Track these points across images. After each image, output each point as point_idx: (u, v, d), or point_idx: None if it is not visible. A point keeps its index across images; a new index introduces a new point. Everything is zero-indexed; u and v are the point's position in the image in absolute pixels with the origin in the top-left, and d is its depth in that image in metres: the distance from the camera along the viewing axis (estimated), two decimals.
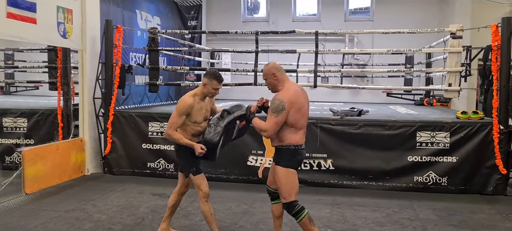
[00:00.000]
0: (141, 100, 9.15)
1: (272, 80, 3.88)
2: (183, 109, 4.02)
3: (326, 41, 12.24)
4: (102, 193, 6.15)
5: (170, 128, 4.06)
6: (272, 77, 3.86)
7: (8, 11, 5.52)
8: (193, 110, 4.05)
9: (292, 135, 3.81)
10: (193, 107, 4.04)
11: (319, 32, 7.51)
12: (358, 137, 6.54)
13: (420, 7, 12.38)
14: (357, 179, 6.53)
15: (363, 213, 5.38)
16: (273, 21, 13.51)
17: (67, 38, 6.78)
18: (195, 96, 4.09)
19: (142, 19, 9.70)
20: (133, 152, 7.24)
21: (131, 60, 9.00)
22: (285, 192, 3.85)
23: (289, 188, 3.84)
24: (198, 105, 4.08)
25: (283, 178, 3.84)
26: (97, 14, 7.46)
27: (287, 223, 4.94)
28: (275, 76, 3.85)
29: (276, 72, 3.86)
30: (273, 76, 3.86)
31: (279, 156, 3.88)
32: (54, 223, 4.87)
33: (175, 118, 4.04)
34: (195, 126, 4.10)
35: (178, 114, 4.03)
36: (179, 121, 4.04)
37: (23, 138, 7.35)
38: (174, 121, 4.04)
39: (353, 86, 9.08)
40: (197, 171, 4.14)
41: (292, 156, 3.85)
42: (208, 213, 4.16)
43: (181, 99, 4.11)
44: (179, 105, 4.06)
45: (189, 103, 4.03)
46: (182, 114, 4.03)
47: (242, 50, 8.64)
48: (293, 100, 3.75)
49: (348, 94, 12.57)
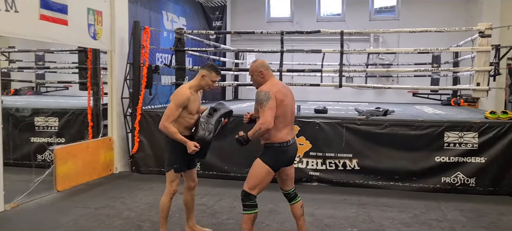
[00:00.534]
0: (167, 100, 9.25)
1: (258, 78, 3.94)
2: (181, 101, 4.04)
3: (351, 41, 12.18)
4: (130, 191, 6.27)
5: (167, 120, 4.04)
6: (259, 75, 3.93)
7: (41, 13, 5.68)
8: (189, 103, 4.08)
9: (277, 133, 3.83)
10: (190, 98, 4.08)
11: (344, 31, 7.48)
12: (384, 137, 6.50)
13: (445, 7, 12.20)
14: (383, 179, 6.49)
15: (389, 214, 5.35)
16: (297, 21, 13.51)
17: (97, 39, 6.95)
18: (191, 88, 4.13)
19: (168, 20, 9.85)
20: (160, 151, 7.33)
21: (157, 60, 9.15)
22: (252, 182, 3.88)
23: (257, 182, 3.88)
24: (193, 96, 4.13)
25: (258, 171, 3.88)
26: (126, 16, 7.62)
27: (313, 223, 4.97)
28: (262, 74, 3.93)
29: (263, 70, 3.93)
30: (260, 74, 3.93)
31: (264, 152, 3.92)
32: (85, 220, 5.00)
33: (173, 110, 4.04)
34: (189, 118, 4.13)
35: (176, 106, 4.04)
36: (176, 113, 4.05)
37: (54, 137, 7.56)
38: (171, 113, 4.04)
39: (378, 86, 9.02)
40: (179, 169, 4.21)
41: (278, 155, 3.89)
42: (165, 207, 4.25)
43: (177, 91, 4.13)
44: (176, 98, 4.06)
45: (187, 96, 4.06)
46: (179, 106, 4.05)
47: (267, 50, 8.67)
48: (275, 90, 3.82)
49: (373, 94, 12.48)
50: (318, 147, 6.67)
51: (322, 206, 5.60)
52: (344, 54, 7.56)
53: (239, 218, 5.07)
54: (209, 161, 7.05)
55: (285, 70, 7.79)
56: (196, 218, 5.08)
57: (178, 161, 4.17)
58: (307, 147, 6.69)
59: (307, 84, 8.02)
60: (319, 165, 6.67)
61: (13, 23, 5.28)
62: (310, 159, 6.69)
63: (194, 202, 4.56)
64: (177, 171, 4.19)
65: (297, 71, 9.34)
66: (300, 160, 6.70)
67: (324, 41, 11.74)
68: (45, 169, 6.41)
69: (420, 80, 11.17)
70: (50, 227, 4.71)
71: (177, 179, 4.22)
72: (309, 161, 6.69)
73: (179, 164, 4.18)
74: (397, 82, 12.38)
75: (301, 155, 6.69)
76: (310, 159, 6.69)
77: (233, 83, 11.35)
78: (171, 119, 4.05)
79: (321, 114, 7.07)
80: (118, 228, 4.72)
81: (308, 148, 6.69)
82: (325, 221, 5.03)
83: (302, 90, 12.42)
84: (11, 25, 5.25)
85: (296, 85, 8.17)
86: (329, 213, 5.32)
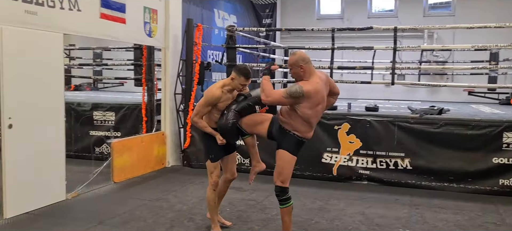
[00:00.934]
0: None
1: (298, 71, 3.82)
2: (211, 100, 4.12)
3: (403, 38, 11.88)
4: (182, 185, 6.45)
5: (196, 115, 4.18)
6: (299, 69, 3.81)
7: (101, 12, 5.94)
8: (220, 101, 4.14)
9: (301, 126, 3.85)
10: (221, 98, 4.13)
11: (398, 28, 7.32)
12: (438, 136, 6.31)
13: (504, 3, 11.62)
14: (436, 179, 6.31)
15: (443, 215, 5.20)
16: (348, 18, 13.34)
17: (152, 37, 7.18)
18: (224, 87, 4.16)
19: (219, 18, 10.02)
20: None
21: (209, 57, 9.33)
22: (285, 177, 3.92)
23: (288, 174, 3.93)
24: (225, 96, 4.16)
25: (286, 163, 3.91)
26: (179, 14, 7.82)
27: (363, 222, 4.93)
28: (302, 68, 3.80)
29: (303, 64, 3.79)
30: (300, 67, 3.80)
31: (286, 139, 3.90)
32: (140, 211, 5.19)
33: (202, 106, 4.15)
34: (218, 114, 4.21)
35: (205, 104, 4.14)
36: (205, 110, 4.15)
37: (111, 130, 7.88)
38: (200, 110, 4.16)
39: (432, 84, 8.75)
40: (215, 158, 4.30)
41: (299, 145, 3.93)
42: (211, 201, 4.37)
43: (209, 89, 4.19)
44: (207, 96, 4.14)
45: (217, 96, 4.11)
46: (209, 105, 4.13)
47: (317, 48, 8.62)
48: (312, 95, 3.73)
49: (426, 93, 12.13)
50: (368, 145, 6.58)
51: (373, 206, 5.53)
52: (396, 51, 7.40)
53: None
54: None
55: (336, 67, 7.71)
56: (246, 213, 5.18)
57: (213, 150, 4.28)
58: (357, 145, 6.61)
59: (358, 82, 7.90)
60: (370, 164, 6.58)
61: (76, 21, 5.55)
62: (360, 157, 6.61)
63: (224, 194, 4.68)
64: (213, 161, 4.30)
65: (348, 69, 9.21)
66: (350, 158, 6.63)
67: (375, 38, 11.55)
68: (103, 161, 6.70)
69: (476, 78, 10.72)
70: (108, 217, 4.93)
71: (216, 170, 4.32)
72: (359, 159, 6.62)
73: (214, 153, 4.29)
74: (452, 80, 11.97)
75: (351, 153, 6.63)
76: (360, 157, 6.61)
77: (282, 81, 11.36)
78: (200, 115, 4.18)
79: (372, 112, 6.96)
80: (171, 220, 4.88)
81: (358, 146, 6.61)
82: (376, 221, 4.97)
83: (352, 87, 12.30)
84: (74, 24, 5.53)
85: (346, 83, 8.09)
86: (380, 213, 5.25)
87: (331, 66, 7.48)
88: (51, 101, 5.28)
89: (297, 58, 3.82)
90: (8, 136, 4.71)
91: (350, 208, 5.41)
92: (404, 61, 11.59)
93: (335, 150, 6.72)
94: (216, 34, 9.60)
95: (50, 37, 5.16)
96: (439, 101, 10.55)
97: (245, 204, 5.54)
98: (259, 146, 4.56)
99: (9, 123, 4.71)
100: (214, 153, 4.30)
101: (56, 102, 5.36)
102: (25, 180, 4.93)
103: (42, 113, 5.14)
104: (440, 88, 11.60)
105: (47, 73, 5.19)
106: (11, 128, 4.73)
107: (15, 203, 4.81)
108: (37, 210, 5.06)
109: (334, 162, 6.73)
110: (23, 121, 4.86)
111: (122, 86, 12.26)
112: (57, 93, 5.38)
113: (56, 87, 5.36)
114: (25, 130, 4.89)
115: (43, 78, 5.13)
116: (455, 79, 11.89)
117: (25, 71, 4.88)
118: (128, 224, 4.71)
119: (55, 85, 5.34)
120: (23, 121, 4.86)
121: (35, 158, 5.05)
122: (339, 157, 6.70)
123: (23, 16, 4.79)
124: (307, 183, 6.60)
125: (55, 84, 5.33)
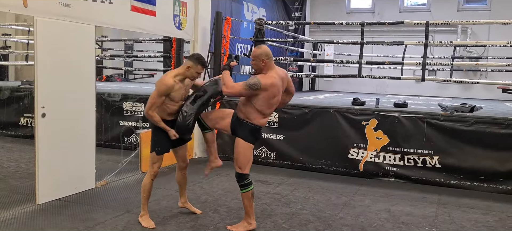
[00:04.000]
0: None
1: (259, 64, 4.08)
2: (164, 90, 4.10)
3: (435, 33, 11.63)
4: (208, 176, 6.51)
5: (150, 108, 4.14)
6: (261, 62, 4.07)
7: (132, 5, 6.04)
8: (172, 91, 4.13)
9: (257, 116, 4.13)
10: (173, 87, 4.12)
11: (430, 23, 7.15)
12: (470, 134, 6.16)
13: None
14: (466, 178, 6.17)
15: (472, 215, 5.09)
16: (378, 12, 13.13)
17: (182, 29, 7.26)
18: (176, 77, 4.16)
19: (248, 11, 10.03)
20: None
21: (237, 50, 9.36)
22: (241, 163, 4.20)
23: (246, 161, 4.21)
24: (177, 85, 4.15)
25: (242, 150, 4.18)
26: (208, 7, 7.86)
27: (388, 219, 4.88)
28: (264, 62, 4.07)
29: (265, 59, 4.06)
30: (262, 61, 4.07)
31: (242, 128, 4.17)
32: (167, 201, 5.27)
33: (155, 98, 4.12)
34: (172, 104, 4.20)
35: (158, 95, 4.11)
36: (159, 101, 4.12)
37: (140, 121, 8.02)
38: (154, 101, 4.12)
39: (465, 80, 8.52)
40: (160, 151, 4.34)
41: (254, 132, 4.20)
42: (146, 188, 4.43)
43: (161, 79, 4.19)
44: (160, 87, 4.12)
45: (169, 85, 4.10)
46: (162, 95, 4.11)
47: (347, 42, 8.53)
48: (268, 88, 4.02)
49: (458, 89, 11.86)
50: (396, 141, 6.48)
51: (399, 203, 5.46)
52: (428, 47, 7.24)
53: (314, 209, 5.13)
54: (284, 151, 7.15)
55: (365, 62, 7.61)
56: (271, 206, 5.20)
57: (160, 143, 4.33)
58: (385, 141, 6.52)
59: (387, 77, 7.79)
60: (397, 160, 6.48)
61: (108, 14, 5.66)
62: (388, 153, 6.53)
63: (186, 181, 4.82)
64: (158, 154, 4.35)
65: (377, 64, 9.09)
66: (377, 154, 6.56)
67: (406, 33, 11.35)
68: (131, 151, 6.84)
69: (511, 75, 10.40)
70: (136, 206, 5.03)
71: (159, 162, 4.37)
72: (386, 156, 6.53)
73: (160, 146, 4.34)
74: (486, 77, 11.64)
75: (378, 149, 6.55)
76: (387, 153, 6.53)
77: (310, 75, 11.32)
78: (154, 106, 4.14)
79: (401, 108, 6.85)
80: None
81: (386, 142, 6.52)
82: (402, 219, 4.90)
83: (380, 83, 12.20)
84: (106, 16, 5.64)
85: (375, 78, 7.98)
86: (407, 211, 5.18)
87: (360, 61, 7.39)
88: (82, 91, 5.41)
89: (261, 52, 4.09)
90: (42, 124, 4.86)
91: (376, 205, 5.36)
92: (436, 57, 11.34)
93: (362, 145, 6.66)
94: (245, 27, 9.61)
95: (83, 29, 5.28)
96: (472, 98, 10.31)
97: (270, 197, 5.56)
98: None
99: (43, 112, 4.86)
100: (161, 146, 4.34)
101: (88, 92, 5.49)
102: (57, 168, 5.08)
103: (74, 103, 5.27)
104: (472, 85, 11.31)
105: (79, 64, 5.31)
106: (44, 117, 4.87)
107: (47, 189, 4.97)
108: (68, 197, 5.21)
109: (361, 158, 6.66)
110: (55, 110, 5.00)
111: (152, 77, 12.45)
112: (89, 84, 5.50)
113: (88, 78, 5.49)
114: (58, 119, 5.03)
115: (75, 69, 5.26)
116: (489, 76, 11.56)
117: (58, 61, 5.02)
118: (155, 213, 4.80)
119: (86, 76, 5.46)
120: (55, 110, 5.00)
121: (67, 146, 5.19)
122: (366, 153, 6.63)
123: (57, 8, 4.92)
124: (332, 178, 6.58)
125: (87, 75, 5.46)
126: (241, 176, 4.25)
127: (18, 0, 4.51)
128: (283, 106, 4.92)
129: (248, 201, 4.31)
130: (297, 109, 7.08)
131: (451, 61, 10.61)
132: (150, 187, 4.47)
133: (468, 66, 11.56)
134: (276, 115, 7.15)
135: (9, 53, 11.77)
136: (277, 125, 7.19)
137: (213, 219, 4.73)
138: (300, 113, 7.05)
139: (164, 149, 4.39)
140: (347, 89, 12.62)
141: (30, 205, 4.92)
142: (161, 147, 4.36)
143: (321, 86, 13.53)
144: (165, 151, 4.41)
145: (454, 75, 11.23)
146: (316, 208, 5.20)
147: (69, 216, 4.62)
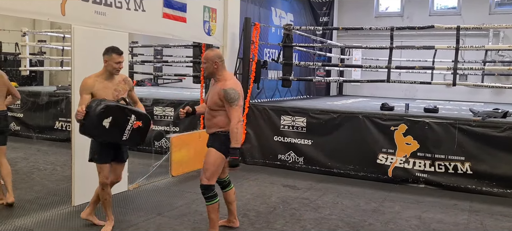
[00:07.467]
0: (273, 94, 9.52)
1: (211, 67, 4.05)
2: (82, 88, 4.12)
3: (466, 37, 11.39)
4: (237, 181, 6.55)
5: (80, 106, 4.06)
6: (213, 65, 4.04)
7: (164, 12, 6.19)
8: (95, 90, 4.11)
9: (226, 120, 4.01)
10: (94, 86, 4.11)
11: (461, 27, 7.05)
12: (502, 140, 6.04)
13: None
14: (499, 186, 6.05)
15: (506, 224, 4.99)
16: (408, 16, 12.98)
17: (211, 35, 7.37)
18: (97, 77, 4.17)
19: (276, 16, 10.08)
20: (266, 143, 7.59)
21: (265, 55, 9.41)
22: (211, 173, 4.07)
23: (214, 172, 4.08)
24: (100, 84, 4.14)
25: (213, 160, 4.06)
26: (237, 13, 7.96)
27: (419, 226, 4.83)
28: (216, 64, 4.04)
29: (218, 61, 4.04)
30: (214, 64, 4.04)
31: (215, 140, 4.09)
32: (196, 205, 5.36)
33: (81, 98, 4.11)
34: None
35: (81, 93, 4.12)
36: (84, 101, 4.07)
37: (170, 126, 8.16)
38: (80, 101, 4.11)
39: (497, 85, 8.35)
40: (99, 160, 4.23)
41: (227, 142, 4.00)
42: (102, 198, 4.35)
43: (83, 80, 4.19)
44: (81, 86, 4.15)
45: (88, 84, 4.11)
46: (84, 93, 4.10)
47: (375, 46, 8.48)
48: (240, 93, 4.03)
49: (490, 94, 11.58)
50: (426, 147, 6.41)
51: (430, 210, 5.41)
52: (459, 51, 7.14)
53: (343, 215, 5.13)
54: (312, 156, 7.16)
55: (394, 67, 7.55)
56: (299, 211, 5.22)
57: (96, 151, 4.24)
58: (415, 147, 6.46)
59: (417, 82, 7.70)
60: (427, 167, 6.41)
61: (141, 21, 5.82)
62: (418, 159, 6.46)
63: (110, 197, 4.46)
64: (97, 162, 4.25)
65: (407, 68, 8.99)
66: (406, 160, 6.50)
67: (436, 37, 11.19)
68: (162, 155, 6.98)
69: None
70: (167, 209, 5.15)
71: (103, 171, 4.25)
72: (417, 162, 6.46)
73: (97, 155, 4.24)
74: None
75: (407, 155, 6.49)
76: (417, 159, 6.46)
77: (338, 79, 11.28)
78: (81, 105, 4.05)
79: (432, 113, 6.77)
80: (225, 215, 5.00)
81: (416, 148, 6.46)
82: (433, 226, 4.85)
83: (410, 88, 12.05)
84: (139, 23, 5.80)
85: (405, 83, 7.91)
86: (438, 218, 5.12)
87: (389, 66, 7.34)
88: None
89: (214, 55, 4.08)
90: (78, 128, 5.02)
91: (406, 212, 5.31)
92: (467, 61, 11.14)
93: (391, 151, 6.61)
94: (273, 32, 9.67)
95: (117, 36, 5.42)
96: (505, 103, 10.06)
97: (298, 202, 5.59)
98: None
99: None
100: (98, 154, 4.23)
101: None
102: (92, 171, 5.22)
103: None
104: (505, 90, 11.04)
105: None
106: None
107: (82, 192, 5.12)
108: None
109: (390, 164, 6.62)
110: None
111: (181, 82, 12.64)
112: None
113: None
114: None
115: None
116: None
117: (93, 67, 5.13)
118: (185, 217, 4.90)
119: None
120: None
121: None
122: (395, 159, 6.58)
123: (93, 16, 5.09)
124: (361, 183, 6.55)
125: None
126: (208, 188, 4.09)
127: (56, 9, 4.70)
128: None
129: (215, 214, 4.18)
130: (325, 115, 7.09)
131: (482, 65, 10.41)
132: (104, 195, 4.34)
133: (500, 71, 11.30)
134: (305, 120, 7.18)
135: (44, 59, 12.16)
136: (305, 130, 7.21)
137: (242, 223, 4.79)
138: (329, 119, 7.05)
139: (103, 159, 4.24)
140: (375, 94, 12.51)
141: (66, 206, 5.09)
142: (99, 156, 4.26)
143: (348, 91, 13.46)
144: (104, 161, 4.25)
145: (485, 79, 10.99)
146: (344, 213, 5.20)
147: (103, 218, 4.74)
